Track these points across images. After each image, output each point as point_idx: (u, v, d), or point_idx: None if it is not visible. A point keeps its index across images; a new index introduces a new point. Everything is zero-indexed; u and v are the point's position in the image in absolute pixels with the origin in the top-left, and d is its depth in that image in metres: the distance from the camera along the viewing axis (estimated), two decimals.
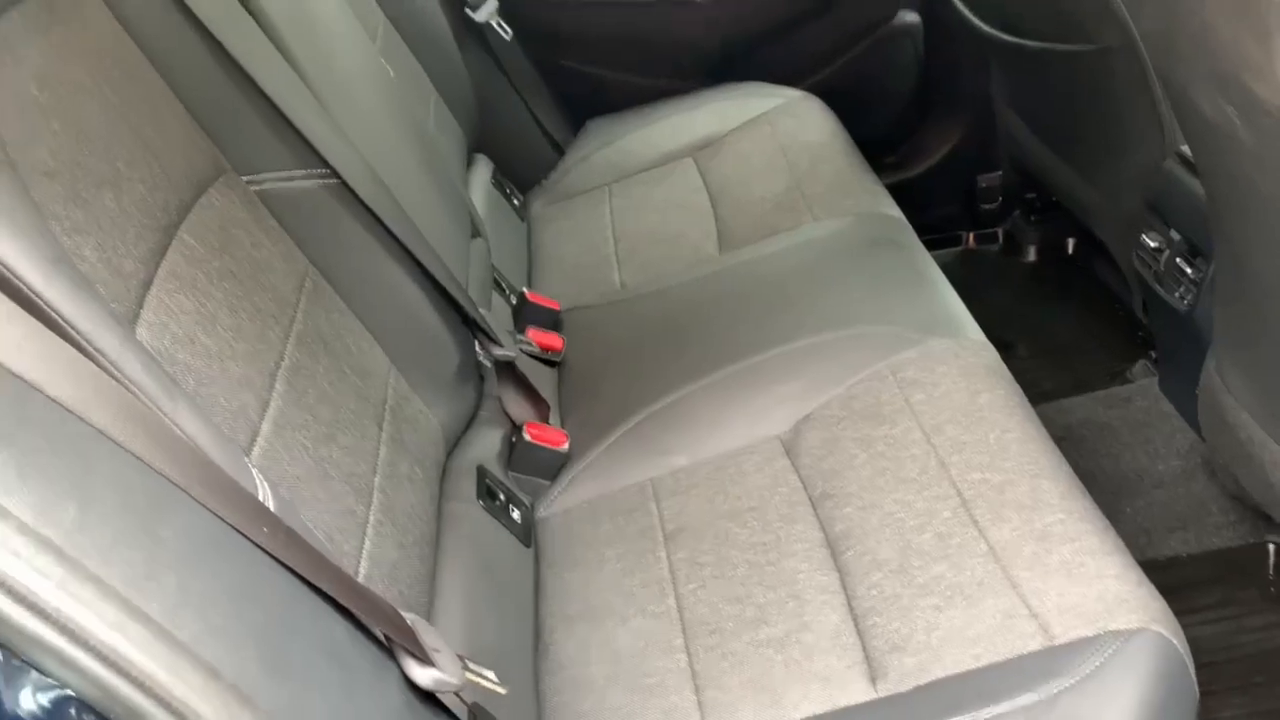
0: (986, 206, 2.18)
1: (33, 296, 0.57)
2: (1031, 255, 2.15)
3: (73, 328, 0.58)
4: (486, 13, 1.83)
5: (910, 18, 2.02)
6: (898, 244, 1.44)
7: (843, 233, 1.48)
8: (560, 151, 1.98)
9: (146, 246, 0.78)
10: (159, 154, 0.84)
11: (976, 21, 1.68)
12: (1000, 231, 2.20)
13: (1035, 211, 2.15)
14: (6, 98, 0.68)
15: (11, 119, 0.67)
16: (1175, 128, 1.29)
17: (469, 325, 1.21)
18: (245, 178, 0.98)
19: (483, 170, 1.84)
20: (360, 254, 1.07)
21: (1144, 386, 1.70)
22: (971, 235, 2.22)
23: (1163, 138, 1.33)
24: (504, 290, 1.52)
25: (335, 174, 1.03)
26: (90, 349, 0.59)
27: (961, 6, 1.70)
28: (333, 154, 1.03)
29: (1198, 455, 1.55)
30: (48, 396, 0.52)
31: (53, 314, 0.58)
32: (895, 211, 1.53)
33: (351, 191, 1.05)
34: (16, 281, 0.57)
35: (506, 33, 1.87)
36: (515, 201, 1.88)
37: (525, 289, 1.54)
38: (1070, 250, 2.12)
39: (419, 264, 1.12)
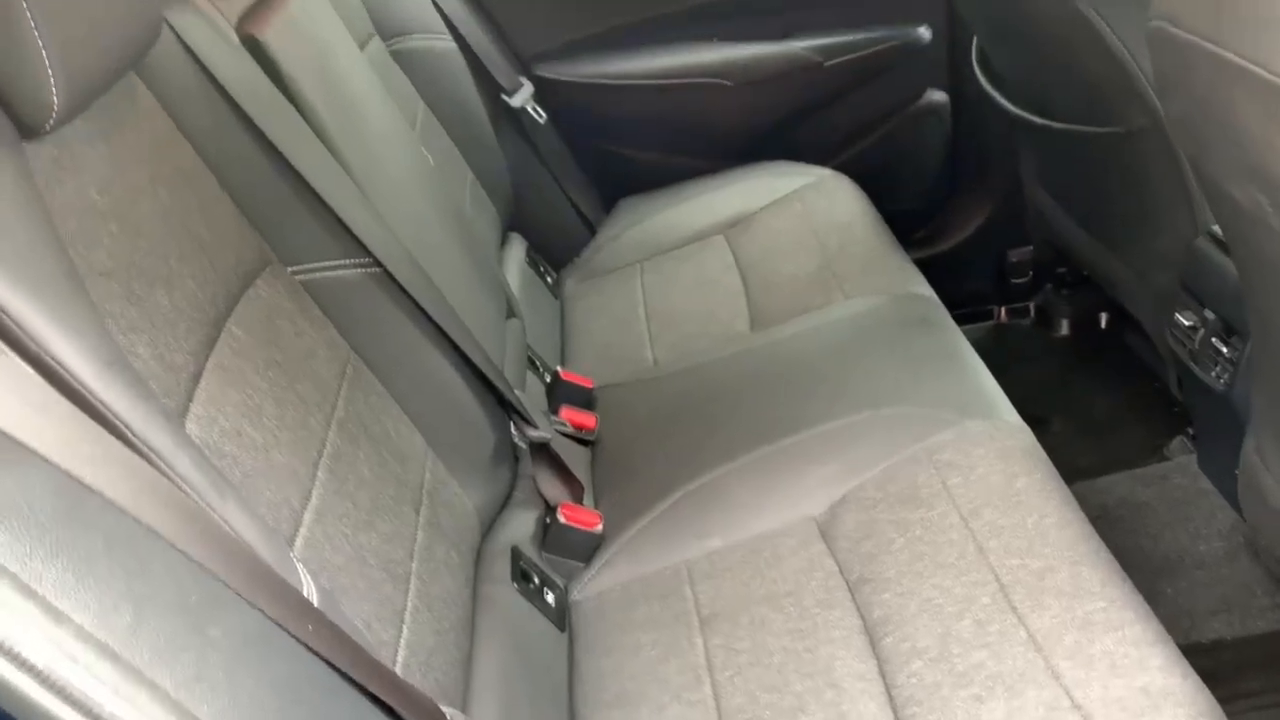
0: (1017, 281, 2.18)
1: (90, 397, 0.59)
2: (1064, 329, 2.15)
3: (128, 428, 0.60)
4: (522, 98, 1.88)
5: (938, 96, 2.06)
6: (930, 323, 1.45)
7: (875, 312, 1.48)
8: (593, 230, 2.01)
9: (196, 340, 0.80)
10: (209, 249, 0.86)
11: (1004, 102, 1.71)
12: (1032, 306, 2.20)
13: (1067, 286, 2.15)
14: (70, 203, 0.70)
15: (73, 223, 0.70)
16: (1206, 207, 1.29)
17: (505, 407, 1.22)
18: (290, 268, 1.01)
19: (517, 249, 1.87)
20: (400, 339, 1.09)
21: (1182, 464, 1.68)
22: (1003, 309, 2.22)
23: (1194, 217, 1.34)
24: (538, 368, 1.54)
25: (377, 262, 1.06)
26: (144, 448, 0.60)
27: (989, 87, 1.73)
28: (375, 243, 1.05)
29: (1239, 535, 1.53)
30: (104, 497, 0.54)
31: (109, 414, 0.60)
32: (927, 290, 1.54)
33: (393, 279, 1.07)
34: (75, 383, 0.59)
35: (541, 116, 1.91)
36: (549, 279, 1.91)
37: (559, 367, 1.55)
38: (1103, 325, 2.11)
39: (457, 348, 1.14)
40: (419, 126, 1.63)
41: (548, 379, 1.53)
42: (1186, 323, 1.38)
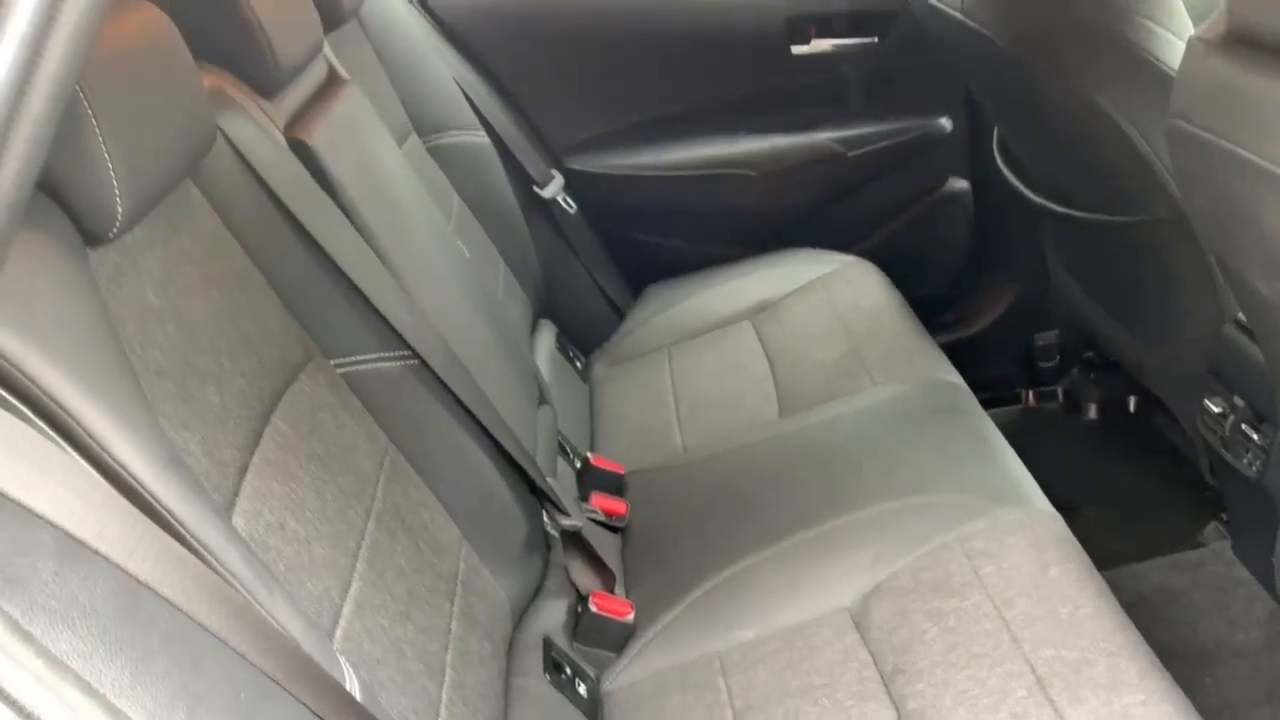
0: (1044, 365, 2.19)
1: (147, 495, 0.61)
2: (1093, 413, 2.14)
3: (182, 525, 0.62)
4: (553, 190, 1.93)
5: (959, 184, 2.09)
6: (960, 410, 1.46)
7: (904, 398, 1.50)
8: (621, 316, 2.04)
9: (244, 435, 0.82)
10: (257, 346, 0.89)
11: (1026, 191, 1.74)
12: (1060, 390, 2.20)
13: (1095, 369, 2.15)
14: (129, 306, 0.73)
15: (132, 326, 0.73)
16: (1232, 295, 1.31)
17: (537, 495, 1.24)
18: (333, 361, 1.03)
19: (547, 335, 1.90)
20: (436, 430, 1.12)
21: (1217, 550, 1.67)
22: (1031, 394, 2.22)
23: (1220, 305, 1.35)
24: (568, 454, 1.55)
25: (415, 354, 1.08)
26: (197, 545, 0.62)
27: (1011, 177, 1.76)
28: (413, 336, 1.08)
29: (1279, 624, 1.51)
30: (160, 595, 0.55)
31: (165, 512, 0.61)
32: (955, 377, 1.55)
33: (430, 370, 1.10)
34: (133, 482, 0.61)
35: (571, 207, 1.96)
36: (578, 365, 1.93)
37: (589, 454, 1.57)
38: (1132, 408, 2.11)
39: (491, 437, 1.15)
40: (454, 218, 1.67)
41: (578, 465, 1.55)
42: (1216, 409, 1.38)
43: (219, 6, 1.01)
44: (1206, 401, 1.39)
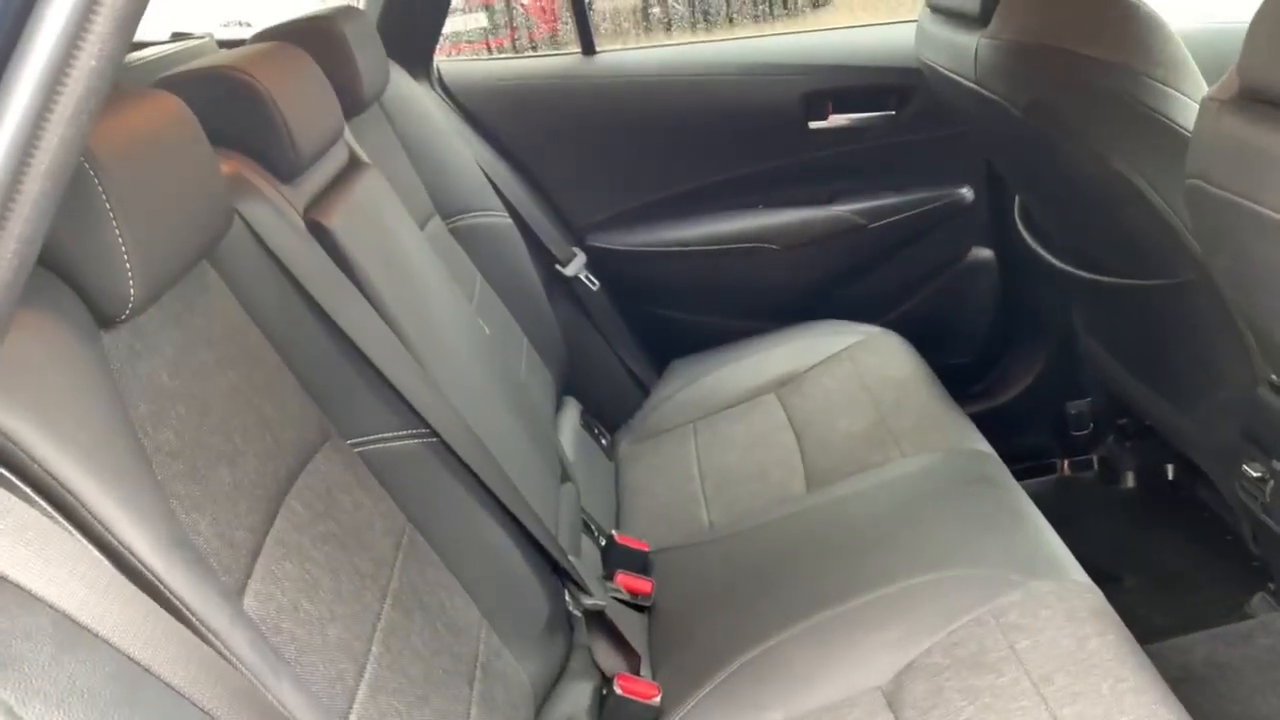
0: (1078, 433, 2.15)
1: (153, 579, 0.61)
2: (1130, 482, 2.10)
3: (188, 608, 0.61)
4: (575, 267, 1.94)
5: (983, 253, 2.09)
6: (991, 480, 1.43)
7: (933, 469, 1.47)
8: (645, 391, 2.04)
9: (257, 516, 0.81)
10: (272, 426, 0.89)
11: (1049, 258, 1.73)
12: (1095, 458, 2.16)
13: (1130, 437, 2.12)
14: (141, 386, 0.74)
15: (144, 406, 0.73)
16: (1263, 357, 1.28)
17: (559, 574, 1.22)
18: (350, 441, 1.03)
19: (571, 412, 1.89)
20: (456, 508, 1.10)
21: (1266, 622, 1.61)
22: (1065, 462, 2.18)
23: (1252, 367, 1.32)
24: (593, 532, 1.53)
25: (435, 433, 1.08)
26: (203, 629, 0.61)
27: (1034, 244, 1.75)
28: (433, 414, 1.08)
29: None
30: (162, 680, 0.54)
31: (170, 595, 0.61)
32: (985, 446, 1.52)
33: (449, 449, 1.09)
34: (139, 565, 0.60)
35: (593, 284, 1.97)
36: (603, 441, 1.92)
37: (614, 531, 1.55)
38: (1171, 475, 2.06)
39: (512, 516, 1.14)
40: (476, 298, 1.68)
41: (603, 543, 1.53)
42: (1255, 474, 1.34)
43: (240, 96, 1.03)
44: (1244, 466, 1.36)
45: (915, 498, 1.43)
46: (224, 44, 1.76)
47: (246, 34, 1.48)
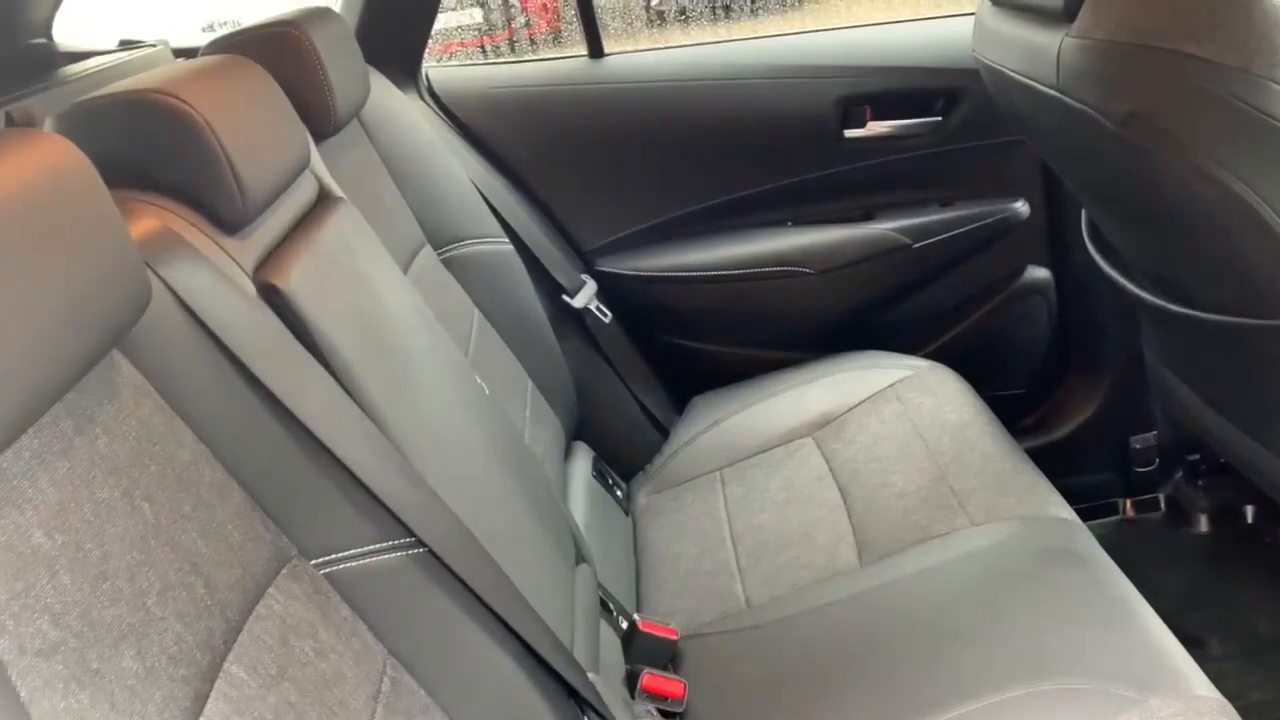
0: (1142, 470, 1.94)
1: None
2: (1203, 525, 1.89)
3: None
4: (584, 298, 1.72)
5: (1040, 273, 1.87)
6: (1079, 558, 1.21)
7: (1009, 543, 1.26)
8: (664, 433, 1.82)
9: (180, 706, 0.60)
10: (205, 568, 0.68)
11: (1124, 283, 1.51)
12: (1162, 497, 1.95)
13: (1202, 475, 1.90)
14: (1, 561, 0.52)
15: (3, 590, 0.52)
16: None
17: (576, 698, 1.00)
18: (315, 561, 0.82)
19: (583, 461, 1.68)
20: (449, 633, 0.89)
21: None
22: (1129, 503, 1.97)
23: None
24: (611, 613, 1.32)
25: (421, 541, 0.87)
26: None
27: (1108, 268, 1.53)
28: (420, 518, 0.87)
29: None
30: None
31: None
32: (1067, 512, 1.31)
33: (442, 562, 0.88)
34: None
35: (605, 315, 1.75)
36: (618, 492, 1.71)
37: (637, 615, 1.33)
38: (1249, 519, 1.85)
39: (520, 636, 0.93)
40: (474, 340, 1.47)
41: (624, 625, 1.32)
42: None
43: (168, 128, 0.81)
44: None
45: (993, 580, 1.21)
46: (180, 53, 1.54)
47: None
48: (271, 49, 1.14)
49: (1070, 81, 1.21)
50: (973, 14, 1.79)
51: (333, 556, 0.83)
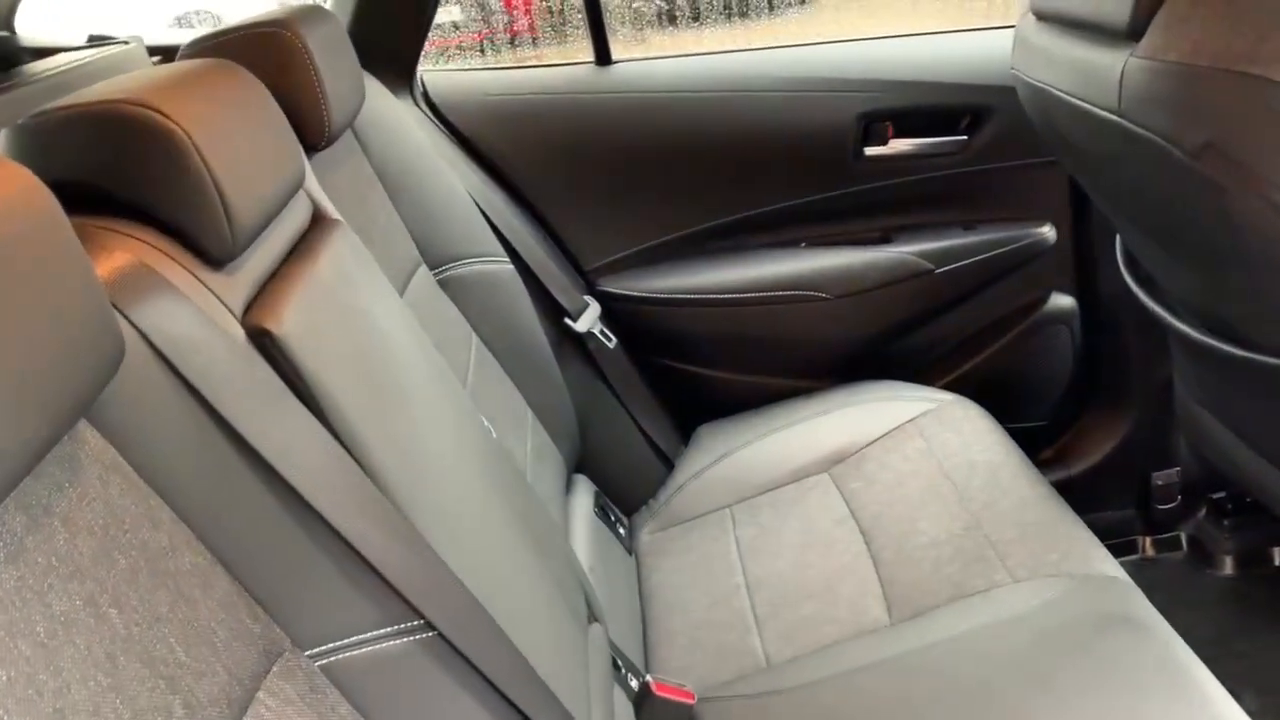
0: (1163, 507, 1.86)
1: None
2: (1228, 568, 1.81)
3: None
4: (587, 322, 1.61)
5: (1064, 301, 1.78)
6: (1136, 624, 1.12)
7: (1058, 605, 1.16)
8: (669, 465, 1.71)
9: None
10: (184, 682, 0.56)
11: (1168, 318, 1.42)
12: (1184, 536, 1.87)
13: (1227, 514, 1.82)
14: None
15: None
16: None
17: None
18: (310, 651, 0.70)
19: (583, 497, 1.57)
20: None
21: None
22: (1148, 540, 1.89)
23: None
24: (622, 671, 1.21)
25: (431, 625, 0.75)
26: None
27: (1148, 300, 1.44)
28: (430, 598, 0.75)
29: None
30: None
31: None
32: (1116, 570, 1.21)
33: (449, 643, 0.77)
34: None
35: (609, 340, 1.64)
36: (621, 529, 1.60)
37: (649, 676, 1.23)
38: (1278, 562, 1.77)
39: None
40: (472, 364, 1.36)
41: (635, 685, 1.21)
42: None
43: (146, 147, 0.69)
44: None
45: (1042, 647, 1.11)
46: (156, 51, 1.41)
47: (195, 35, 1.13)
48: (260, 51, 1.02)
49: (1135, 106, 1.11)
50: (1004, 27, 1.70)
51: (331, 645, 0.71)
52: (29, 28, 1.46)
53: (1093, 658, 1.08)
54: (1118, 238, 1.54)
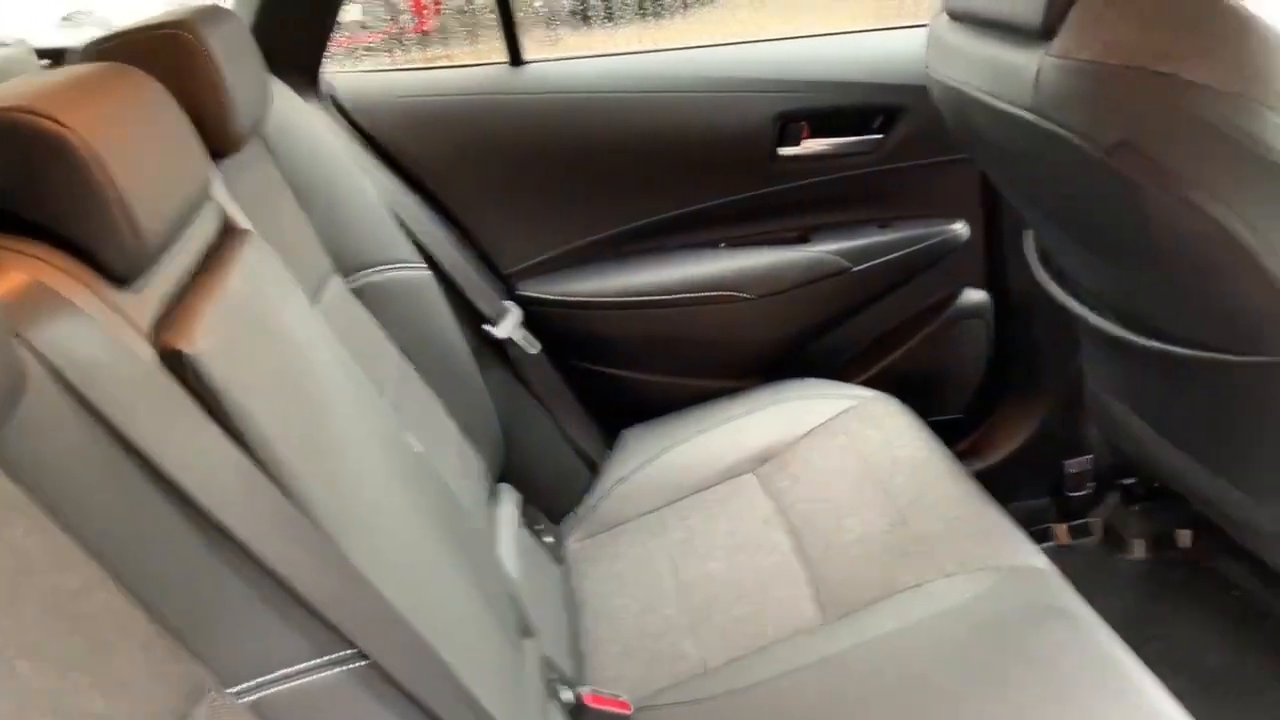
0: (1076, 495, 1.90)
1: None
2: (1140, 551, 1.86)
3: None
4: (508, 328, 1.58)
5: (978, 296, 1.81)
6: (1061, 612, 1.14)
7: (990, 598, 1.17)
8: (594, 469, 1.69)
9: None
10: None
11: (1085, 312, 1.45)
12: (1099, 522, 1.92)
13: (1137, 500, 1.88)
14: None
15: None
16: None
17: None
18: (235, 688, 0.66)
19: (509, 507, 1.54)
20: None
21: None
22: (1063, 528, 1.93)
23: None
24: (556, 686, 1.19)
25: (363, 654, 0.72)
26: None
27: (1062, 295, 1.47)
28: (361, 626, 0.72)
29: None
30: None
31: None
32: (1042, 561, 1.23)
33: (384, 672, 0.73)
34: None
35: (533, 345, 1.61)
36: (547, 539, 1.57)
37: (583, 688, 1.20)
38: (1188, 543, 1.83)
39: None
40: (393, 376, 1.32)
41: (569, 699, 1.18)
42: None
43: (41, 158, 0.64)
44: None
45: (975, 640, 1.12)
46: (45, 54, 1.34)
47: (84, 36, 1.07)
48: (160, 54, 0.97)
49: (1050, 104, 1.13)
50: (915, 26, 1.72)
51: (258, 681, 0.68)
52: None
53: (1024, 648, 1.09)
54: (1029, 233, 1.57)
